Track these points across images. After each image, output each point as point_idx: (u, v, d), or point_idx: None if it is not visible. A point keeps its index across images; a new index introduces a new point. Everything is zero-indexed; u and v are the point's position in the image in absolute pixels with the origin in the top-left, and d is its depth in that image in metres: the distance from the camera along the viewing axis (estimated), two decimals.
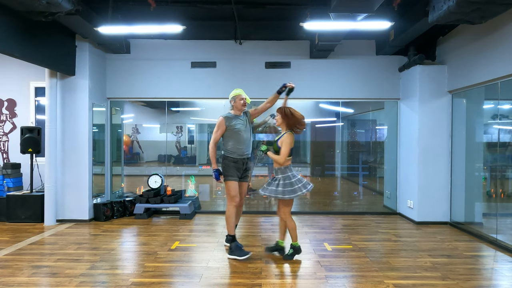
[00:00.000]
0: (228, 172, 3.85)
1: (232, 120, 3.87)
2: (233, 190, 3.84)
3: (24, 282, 3.14)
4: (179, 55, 5.97)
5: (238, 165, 3.88)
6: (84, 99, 5.35)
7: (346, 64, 5.97)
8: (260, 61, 5.96)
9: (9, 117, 6.02)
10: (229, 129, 3.85)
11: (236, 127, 3.85)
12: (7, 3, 3.71)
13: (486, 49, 4.40)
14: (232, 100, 3.96)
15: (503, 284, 3.20)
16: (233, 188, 3.84)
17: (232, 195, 3.83)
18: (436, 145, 5.36)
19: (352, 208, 6.43)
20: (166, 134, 6.92)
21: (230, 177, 3.84)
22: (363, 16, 4.04)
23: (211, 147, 3.85)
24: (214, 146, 3.85)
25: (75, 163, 5.37)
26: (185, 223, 5.38)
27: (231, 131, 3.85)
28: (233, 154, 3.86)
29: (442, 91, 5.35)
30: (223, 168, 3.89)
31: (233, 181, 3.84)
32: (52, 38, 4.77)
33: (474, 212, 5.02)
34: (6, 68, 5.93)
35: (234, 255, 3.75)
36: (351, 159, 7.34)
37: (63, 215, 5.37)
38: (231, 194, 3.84)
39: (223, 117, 3.88)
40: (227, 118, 3.88)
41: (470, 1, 3.39)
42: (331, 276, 3.32)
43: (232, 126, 3.84)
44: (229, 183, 3.85)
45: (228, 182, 3.86)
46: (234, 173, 3.85)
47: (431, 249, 4.15)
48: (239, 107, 3.94)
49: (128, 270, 3.45)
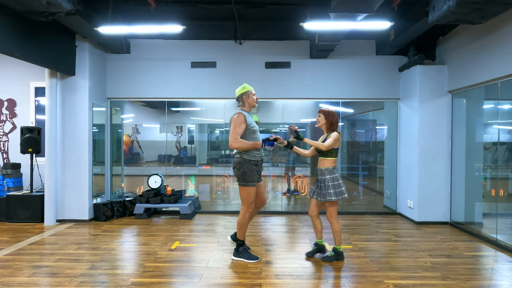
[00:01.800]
0: (250, 177, 3.55)
1: (248, 118, 3.59)
2: (252, 197, 3.61)
3: (24, 282, 3.14)
4: (179, 55, 5.98)
5: (259, 167, 3.67)
6: (84, 99, 5.35)
7: (346, 64, 5.97)
8: (260, 61, 5.97)
9: (9, 117, 6.02)
10: (248, 128, 3.56)
11: (253, 126, 3.60)
12: (7, 3, 3.71)
13: (486, 49, 4.40)
14: (245, 96, 3.65)
15: (503, 284, 3.19)
16: (253, 195, 3.61)
17: (250, 201, 3.61)
18: (436, 145, 5.36)
19: (352, 208, 6.43)
20: (166, 134, 6.91)
21: (251, 183, 3.57)
22: (363, 16, 4.04)
23: (239, 141, 3.46)
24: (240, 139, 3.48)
25: (75, 163, 5.37)
26: (185, 223, 5.38)
27: (249, 131, 3.57)
28: (255, 156, 3.59)
29: (442, 91, 5.35)
30: (246, 173, 3.54)
31: (253, 187, 3.60)
32: (52, 38, 4.77)
33: (474, 212, 5.02)
34: (6, 68, 5.93)
35: (241, 257, 3.68)
36: (351, 159, 7.33)
37: (63, 215, 5.37)
38: (249, 201, 3.60)
39: (242, 113, 3.55)
40: (245, 115, 3.56)
41: (470, 1, 3.39)
42: (331, 276, 3.32)
43: (250, 125, 3.57)
44: (250, 189, 3.59)
45: (248, 188, 3.58)
46: (255, 178, 3.60)
47: (431, 249, 4.15)
48: (252, 104, 3.67)
49: (128, 270, 3.45)
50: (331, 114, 3.67)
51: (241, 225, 3.65)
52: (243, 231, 3.68)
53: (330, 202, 3.60)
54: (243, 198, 3.62)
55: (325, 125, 3.68)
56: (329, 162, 3.63)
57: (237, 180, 3.64)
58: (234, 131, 3.47)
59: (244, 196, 3.61)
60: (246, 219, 3.64)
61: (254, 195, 3.63)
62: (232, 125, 3.50)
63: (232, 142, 3.48)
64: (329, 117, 3.66)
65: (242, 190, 3.61)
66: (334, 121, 3.66)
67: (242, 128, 3.49)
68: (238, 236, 3.70)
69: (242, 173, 3.55)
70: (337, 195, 3.55)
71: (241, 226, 3.65)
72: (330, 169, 3.62)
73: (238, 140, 3.47)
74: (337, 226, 3.66)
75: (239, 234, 3.69)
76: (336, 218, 3.66)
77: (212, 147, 8.34)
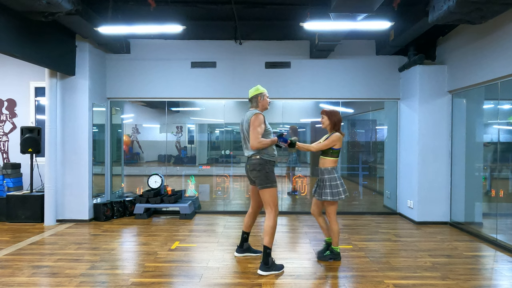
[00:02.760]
0: (272, 178, 3.42)
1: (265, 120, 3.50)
2: (277, 197, 3.46)
3: (24, 282, 3.14)
4: (179, 55, 5.97)
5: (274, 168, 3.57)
6: (84, 99, 5.35)
7: (346, 64, 5.97)
8: (260, 61, 5.97)
9: (9, 117, 6.02)
10: (265, 129, 3.45)
11: (269, 127, 3.52)
12: (7, 3, 3.71)
13: (486, 49, 4.40)
14: (260, 97, 3.55)
15: (503, 284, 3.19)
16: (277, 195, 3.46)
17: (276, 203, 3.44)
18: (436, 145, 5.36)
19: (352, 208, 6.42)
20: (166, 134, 6.91)
21: (274, 183, 3.43)
22: (363, 16, 4.04)
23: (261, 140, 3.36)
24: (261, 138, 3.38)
25: (75, 163, 5.37)
26: (185, 223, 5.38)
27: (266, 132, 3.47)
28: (273, 157, 3.50)
29: (442, 91, 5.35)
30: (267, 175, 3.40)
31: (276, 187, 3.46)
32: (52, 38, 4.77)
33: (474, 212, 5.02)
34: (6, 68, 5.93)
35: (272, 270, 3.37)
36: (351, 159, 7.33)
37: (63, 215, 5.37)
38: (275, 202, 3.43)
39: (261, 114, 3.45)
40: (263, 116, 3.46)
41: (470, 1, 3.39)
42: (331, 276, 3.32)
43: (267, 126, 3.50)
44: (274, 190, 3.43)
45: (273, 189, 3.42)
46: (275, 178, 3.48)
47: (431, 249, 4.15)
48: (265, 105, 3.59)
49: (128, 270, 3.45)
50: (334, 114, 3.67)
51: (273, 230, 3.38)
52: (272, 238, 3.40)
53: (328, 202, 3.60)
54: (269, 200, 3.41)
55: (329, 125, 3.68)
56: (329, 162, 3.62)
57: (258, 183, 3.42)
58: (255, 131, 3.37)
59: (269, 198, 3.41)
60: (275, 223, 3.40)
61: (277, 197, 3.48)
62: (252, 125, 3.39)
63: (254, 142, 3.36)
64: (332, 117, 3.65)
65: (266, 192, 3.41)
66: (337, 120, 3.65)
67: (262, 129, 3.40)
68: (267, 243, 3.36)
69: (265, 174, 3.40)
70: (333, 196, 3.55)
71: (272, 231, 3.38)
72: (329, 169, 3.61)
73: (259, 140, 3.36)
74: (335, 227, 3.64)
75: (269, 241, 3.37)
76: (334, 218, 3.65)
77: (212, 147, 8.34)
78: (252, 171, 3.45)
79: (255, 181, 3.48)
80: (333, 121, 3.64)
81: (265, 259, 3.35)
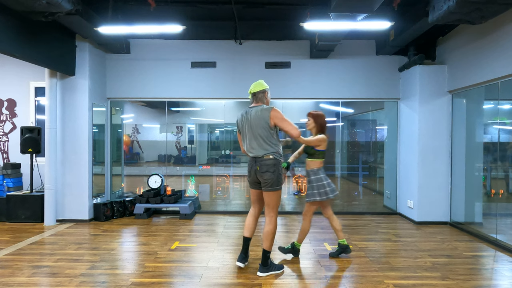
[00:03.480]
0: (282, 180, 3.27)
1: None
2: (279, 201, 3.35)
3: (24, 282, 3.14)
4: (179, 55, 5.97)
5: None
6: (84, 99, 5.35)
7: (346, 64, 5.97)
8: (260, 61, 5.97)
9: (9, 117, 6.02)
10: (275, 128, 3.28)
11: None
12: (7, 3, 3.71)
13: (486, 49, 4.40)
14: (266, 93, 3.35)
15: (503, 284, 3.19)
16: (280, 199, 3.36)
17: (279, 205, 3.33)
18: (436, 145, 5.36)
19: (352, 208, 6.42)
20: (166, 134, 6.92)
21: (281, 185, 3.29)
22: (363, 16, 4.04)
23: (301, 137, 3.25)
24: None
25: (75, 163, 5.37)
26: (185, 223, 5.38)
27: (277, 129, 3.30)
28: (281, 157, 3.32)
29: (442, 91, 5.35)
30: (279, 177, 3.22)
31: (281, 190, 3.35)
32: (52, 38, 4.77)
33: (474, 212, 5.02)
34: (6, 68, 5.93)
35: (272, 270, 3.35)
36: (351, 159, 7.33)
37: (63, 215, 5.37)
38: (278, 205, 3.32)
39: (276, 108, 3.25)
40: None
41: (470, 1, 3.39)
42: (331, 276, 3.32)
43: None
44: (280, 192, 3.31)
45: (280, 191, 3.29)
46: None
47: (431, 249, 4.15)
48: (269, 102, 3.44)
49: (128, 270, 3.45)
50: (319, 116, 3.69)
51: (274, 234, 3.30)
52: (273, 241, 3.33)
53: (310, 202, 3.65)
54: (274, 203, 3.27)
55: (314, 128, 3.70)
56: (314, 164, 3.67)
57: (270, 184, 3.21)
58: (287, 122, 3.15)
59: (276, 200, 3.28)
60: (276, 227, 3.32)
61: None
62: (279, 119, 3.16)
63: (295, 130, 3.13)
64: (318, 120, 3.68)
65: (273, 195, 3.24)
66: (323, 123, 3.68)
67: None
68: (266, 247, 3.28)
69: (278, 175, 3.21)
70: (321, 196, 3.59)
71: (273, 236, 3.30)
72: (315, 170, 3.66)
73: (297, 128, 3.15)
74: (306, 226, 3.72)
75: (269, 245, 3.29)
76: (309, 218, 3.71)
77: (212, 147, 8.34)
78: (266, 173, 3.18)
79: (266, 183, 3.21)
80: (319, 123, 3.67)
81: (264, 261, 3.33)
